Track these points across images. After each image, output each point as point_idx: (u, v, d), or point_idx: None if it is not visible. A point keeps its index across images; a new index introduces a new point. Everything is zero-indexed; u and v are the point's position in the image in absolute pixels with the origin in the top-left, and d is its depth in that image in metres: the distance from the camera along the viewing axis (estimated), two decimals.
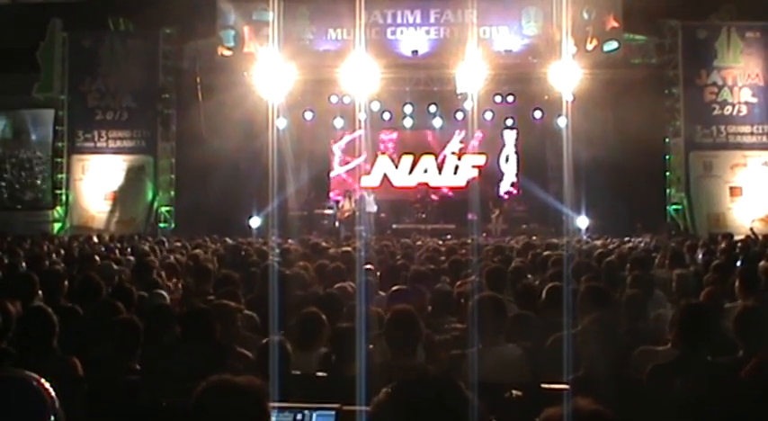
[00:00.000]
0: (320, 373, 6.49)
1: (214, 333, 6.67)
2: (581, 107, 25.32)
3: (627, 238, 22.07)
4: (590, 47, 27.51)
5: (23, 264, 12.64)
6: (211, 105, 27.74)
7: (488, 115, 30.12)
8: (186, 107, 28.99)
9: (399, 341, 6.46)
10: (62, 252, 16.41)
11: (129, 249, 17.52)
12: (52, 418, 2.32)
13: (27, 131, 31.64)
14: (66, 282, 9.15)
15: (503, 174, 31.62)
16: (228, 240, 20.79)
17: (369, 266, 11.57)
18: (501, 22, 28.08)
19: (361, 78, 25.27)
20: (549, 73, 26.19)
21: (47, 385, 2.34)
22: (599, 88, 26.59)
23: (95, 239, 21.67)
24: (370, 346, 6.62)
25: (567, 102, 25.00)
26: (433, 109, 30.64)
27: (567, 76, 25.48)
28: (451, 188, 31.37)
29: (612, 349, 5.85)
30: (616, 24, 27.64)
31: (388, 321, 6.61)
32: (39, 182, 31.40)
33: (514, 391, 5.82)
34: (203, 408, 3.29)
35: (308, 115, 30.59)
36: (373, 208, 28.54)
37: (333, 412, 4.41)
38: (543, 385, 5.85)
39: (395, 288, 9.08)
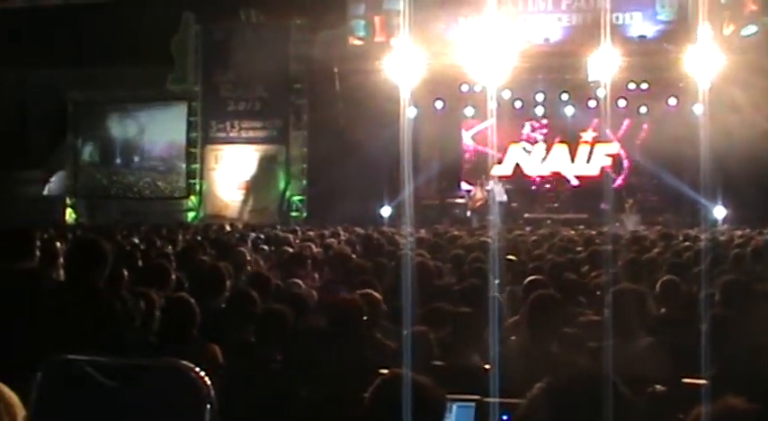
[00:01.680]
0: (438, 362, 6.40)
1: (361, 323, 6.71)
2: (717, 94, 24.60)
3: (766, 230, 21.43)
4: (727, 31, 26.77)
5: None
6: (344, 95, 27.93)
7: (621, 103, 29.58)
8: (318, 97, 29.27)
9: (540, 325, 6.42)
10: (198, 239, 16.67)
11: (262, 237, 17.73)
12: (208, 407, 2.33)
13: (161, 123, 32.37)
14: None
15: (635, 162, 31.11)
16: (360, 230, 20.85)
17: (511, 257, 11.46)
18: (634, 7, 27.53)
19: (491, 66, 25.08)
20: (684, 59, 25.60)
21: (203, 374, 2.34)
22: (736, 74, 25.79)
23: (228, 228, 22.00)
24: (512, 338, 6.56)
25: (703, 88, 24.37)
26: (564, 97, 30.18)
27: (702, 62, 24.85)
28: (584, 177, 30.96)
29: (753, 344, 5.65)
30: (755, 7, 26.82)
31: (530, 303, 6.60)
32: (173, 172, 32.08)
33: (658, 386, 5.67)
34: (380, 402, 3.28)
35: (439, 104, 30.40)
36: (503, 197, 28.30)
37: (473, 404, 4.33)
38: (685, 380, 5.69)
39: (531, 278, 8.95)
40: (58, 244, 9.51)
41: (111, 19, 27.55)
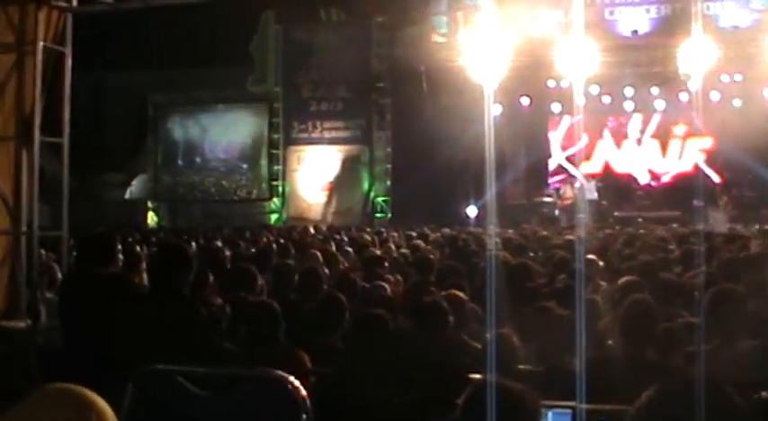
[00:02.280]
0: (533, 368, 6.23)
1: (447, 324, 6.67)
2: None
3: None
4: None
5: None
6: (428, 93, 27.82)
7: (714, 96, 28.96)
8: (401, 96, 29.16)
9: (635, 330, 6.26)
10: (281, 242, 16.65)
11: (346, 239, 17.67)
12: (304, 417, 2.24)
13: (243, 124, 32.58)
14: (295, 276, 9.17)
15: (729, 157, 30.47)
16: (447, 230, 20.72)
17: (591, 257, 11.21)
18: None
19: (578, 61, 24.72)
20: None
21: (297, 383, 2.25)
22: None
23: (312, 230, 22.00)
24: (609, 342, 6.41)
25: None
26: (655, 91, 29.68)
27: None
28: (676, 173, 30.39)
29: None
30: None
31: (626, 308, 6.47)
32: (255, 174, 32.26)
33: (764, 392, 5.45)
34: (473, 408, 3.24)
35: (525, 101, 30.16)
36: (594, 195, 27.98)
37: (569, 411, 4.20)
38: None
39: (625, 279, 8.71)
40: (138, 248, 9.56)
41: (191, 20, 27.79)
